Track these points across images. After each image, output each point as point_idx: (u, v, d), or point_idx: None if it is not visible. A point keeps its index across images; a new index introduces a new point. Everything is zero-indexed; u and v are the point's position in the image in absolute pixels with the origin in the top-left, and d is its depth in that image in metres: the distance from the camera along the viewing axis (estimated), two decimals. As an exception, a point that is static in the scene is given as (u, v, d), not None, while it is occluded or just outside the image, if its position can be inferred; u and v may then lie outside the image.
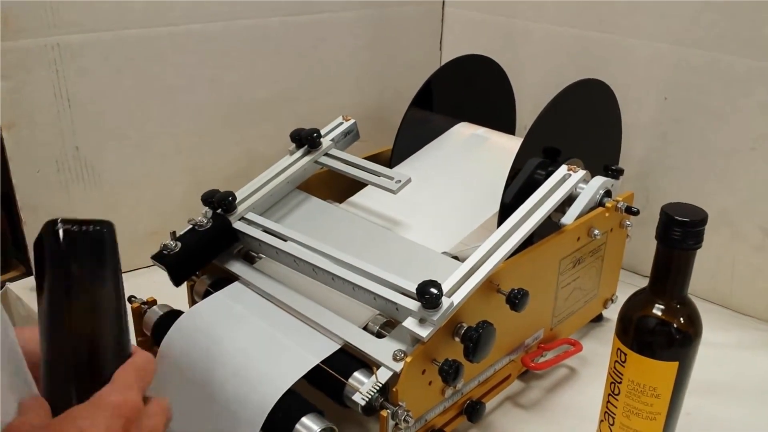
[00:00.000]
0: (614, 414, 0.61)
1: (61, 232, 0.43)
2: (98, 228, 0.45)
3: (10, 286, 0.95)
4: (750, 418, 0.74)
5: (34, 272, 0.45)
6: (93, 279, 0.45)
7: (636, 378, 0.58)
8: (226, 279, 0.75)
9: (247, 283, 0.73)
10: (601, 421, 0.64)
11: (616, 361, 0.60)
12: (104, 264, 0.46)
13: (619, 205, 0.78)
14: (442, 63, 1.08)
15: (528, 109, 1.05)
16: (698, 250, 0.56)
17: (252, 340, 0.66)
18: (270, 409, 0.58)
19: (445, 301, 0.60)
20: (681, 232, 0.54)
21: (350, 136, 0.91)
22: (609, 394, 0.62)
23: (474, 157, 0.92)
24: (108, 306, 0.46)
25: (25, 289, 0.95)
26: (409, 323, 0.60)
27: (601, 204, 0.78)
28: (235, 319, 0.69)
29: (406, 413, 0.58)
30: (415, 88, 0.93)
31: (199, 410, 0.60)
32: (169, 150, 0.99)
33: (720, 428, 0.73)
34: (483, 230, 0.77)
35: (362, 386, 0.59)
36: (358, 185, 0.86)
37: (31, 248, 0.90)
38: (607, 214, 0.77)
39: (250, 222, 0.77)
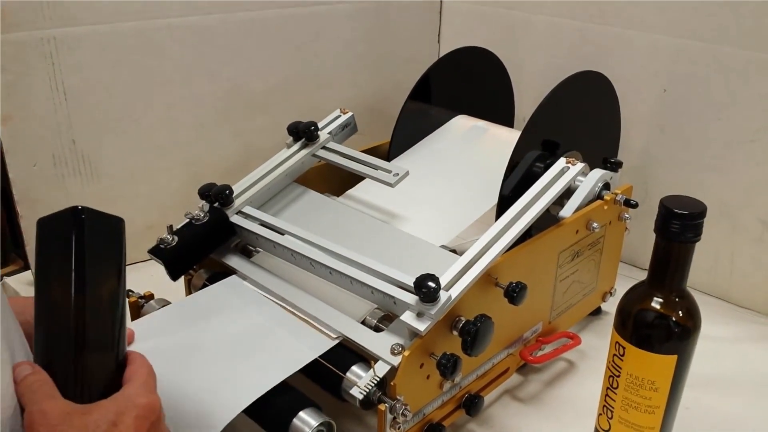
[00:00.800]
0: (613, 407, 0.61)
1: (85, 219, 0.44)
2: (117, 221, 0.46)
3: (8, 280, 0.95)
4: (749, 411, 0.74)
5: (36, 255, 0.45)
6: (107, 269, 0.46)
7: (634, 371, 0.58)
8: (224, 273, 0.75)
9: (244, 277, 0.73)
10: (600, 414, 0.64)
11: (615, 355, 0.60)
12: (119, 256, 0.46)
13: (617, 198, 0.78)
14: (441, 55, 1.08)
15: (526, 102, 1.05)
16: (697, 243, 0.55)
17: (248, 334, 0.66)
18: (260, 394, 0.58)
19: (443, 295, 0.60)
20: (680, 225, 0.54)
21: (348, 129, 0.90)
22: (608, 388, 0.61)
23: (472, 150, 0.92)
24: (115, 297, 0.46)
25: (22, 284, 0.95)
26: (407, 317, 0.60)
27: (599, 197, 0.77)
28: (232, 311, 0.68)
29: (404, 407, 0.58)
30: (413, 80, 0.92)
31: (179, 392, 0.60)
32: (166, 143, 0.98)
33: (719, 422, 0.72)
34: (481, 223, 0.77)
35: (360, 380, 0.59)
36: (356, 178, 0.86)
37: (28, 243, 0.91)
38: (605, 207, 0.77)
39: (247, 216, 0.76)
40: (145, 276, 0.77)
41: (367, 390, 0.58)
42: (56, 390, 0.44)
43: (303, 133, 0.84)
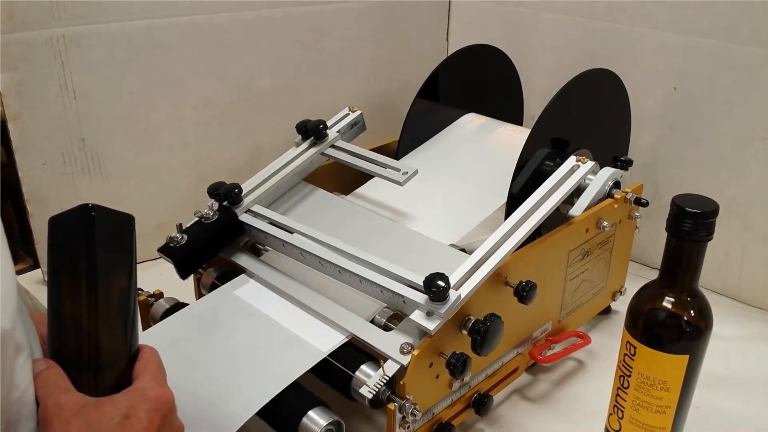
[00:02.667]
0: (623, 407, 0.61)
1: (95, 217, 0.45)
2: (126, 217, 0.47)
3: (18, 278, 0.95)
4: (759, 410, 0.74)
5: (48, 254, 0.46)
6: (118, 265, 0.46)
7: (645, 371, 0.58)
8: (233, 272, 0.75)
9: (253, 276, 0.73)
10: (610, 414, 0.63)
11: (626, 354, 0.59)
12: (129, 252, 0.47)
13: (628, 197, 0.77)
14: (449, 53, 1.07)
15: (536, 100, 1.04)
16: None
17: (259, 333, 0.66)
18: (273, 396, 0.58)
19: (453, 294, 0.59)
20: (692, 224, 0.53)
21: (357, 128, 0.90)
22: (618, 388, 0.61)
23: (481, 148, 0.92)
24: (127, 293, 0.47)
25: (32, 282, 0.95)
26: (417, 316, 0.60)
27: (609, 195, 0.77)
28: (242, 311, 0.69)
29: (413, 406, 0.58)
30: (422, 78, 0.92)
31: (194, 393, 0.60)
32: (175, 142, 0.99)
33: (729, 421, 0.72)
34: (490, 222, 0.76)
35: (369, 379, 0.59)
36: (364, 177, 0.86)
37: (38, 241, 0.91)
38: (615, 206, 0.77)
39: (256, 214, 0.76)
40: (154, 274, 0.77)
41: (377, 389, 0.58)
42: (70, 384, 0.44)
43: (312, 131, 0.84)
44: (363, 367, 0.60)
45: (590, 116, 0.84)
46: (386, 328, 0.64)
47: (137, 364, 0.48)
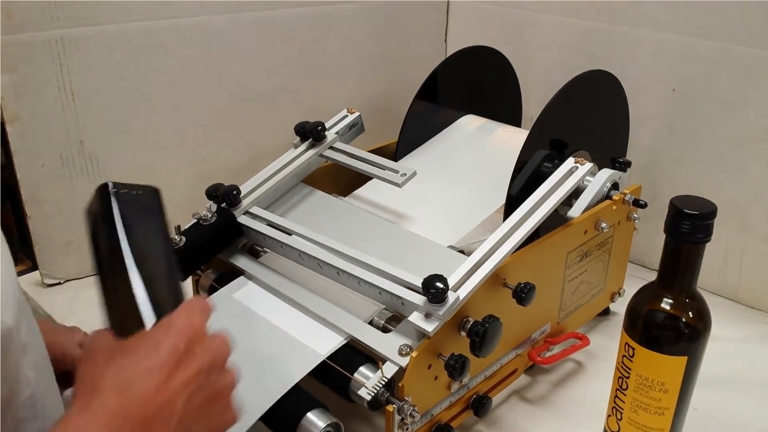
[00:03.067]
0: (622, 409, 0.61)
1: (113, 190, 0.47)
2: (148, 187, 0.51)
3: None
4: (758, 411, 0.74)
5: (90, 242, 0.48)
6: (146, 231, 0.49)
7: (644, 373, 0.58)
8: (231, 273, 0.75)
9: (251, 278, 0.73)
10: (609, 415, 0.63)
11: (624, 356, 0.59)
12: (156, 215, 0.51)
13: (626, 198, 0.77)
14: (448, 54, 1.07)
15: (534, 101, 1.04)
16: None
17: (258, 336, 0.66)
18: (274, 402, 0.58)
19: (451, 296, 0.59)
20: (690, 225, 0.53)
21: (355, 129, 0.90)
22: (617, 389, 0.61)
23: (480, 150, 0.92)
24: (159, 252, 0.49)
25: (31, 284, 0.95)
26: (415, 318, 0.60)
27: (608, 197, 0.77)
28: (240, 314, 0.68)
29: (412, 408, 0.58)
30: (420, 80, 0.92)
31: None
32: (174, 143, 0.98)
33: (727, 423, 0.72)
34: (489, 224, 0.76)
35: (368, 381, 0.59)
36: (363, 179, 0.86)
37: (36, 243, 0.91)
38: (614, 207, 0.77)
39: (254, 216, 0.76)
40: (152, 276, 0.77)
41: (375, 391, 0.58)
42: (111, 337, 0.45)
43: (310, 133, 0.84)
44: (362, 368, 0.60)
45: (589, 117, 0.84)
46: (385, 330, 0.64)
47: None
